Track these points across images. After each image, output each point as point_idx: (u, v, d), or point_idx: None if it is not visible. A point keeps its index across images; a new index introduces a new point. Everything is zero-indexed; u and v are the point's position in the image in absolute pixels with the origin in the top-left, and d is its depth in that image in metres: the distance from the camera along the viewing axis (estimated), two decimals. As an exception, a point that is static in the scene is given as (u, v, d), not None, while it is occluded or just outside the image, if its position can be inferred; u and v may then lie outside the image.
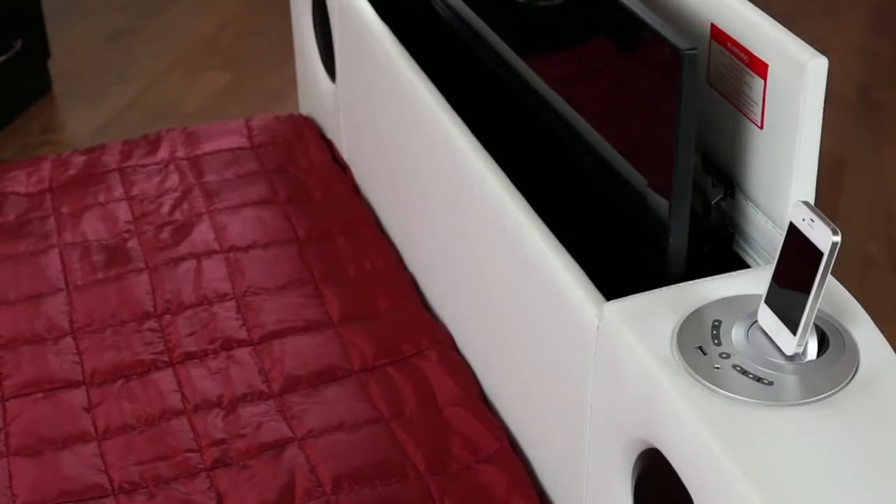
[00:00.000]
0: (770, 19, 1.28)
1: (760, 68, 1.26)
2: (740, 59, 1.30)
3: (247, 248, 1.88)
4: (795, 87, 1.22)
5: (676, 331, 1.19)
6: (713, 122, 1.38)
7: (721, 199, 1.36)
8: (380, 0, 1.92)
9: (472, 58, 1.73)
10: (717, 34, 1.34)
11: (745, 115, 1.31)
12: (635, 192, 1.32)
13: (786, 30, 1.26)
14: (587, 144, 1.42)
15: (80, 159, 2.13)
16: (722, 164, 1.37)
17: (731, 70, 1.32)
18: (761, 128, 1.29)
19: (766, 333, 1.17)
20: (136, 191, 2.04)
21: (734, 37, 1.30)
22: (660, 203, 1.27)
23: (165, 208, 1.99)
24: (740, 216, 1.36)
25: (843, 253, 2.51)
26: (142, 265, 1.86)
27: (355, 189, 2.05)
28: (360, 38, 1.89)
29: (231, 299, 1.78)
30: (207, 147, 2.15)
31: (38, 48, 3.20)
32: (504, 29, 1.62)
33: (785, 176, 1.26)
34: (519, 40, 1.58)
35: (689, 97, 1.22)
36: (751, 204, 1.34)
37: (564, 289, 1.31)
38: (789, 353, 1.14)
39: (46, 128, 3.14)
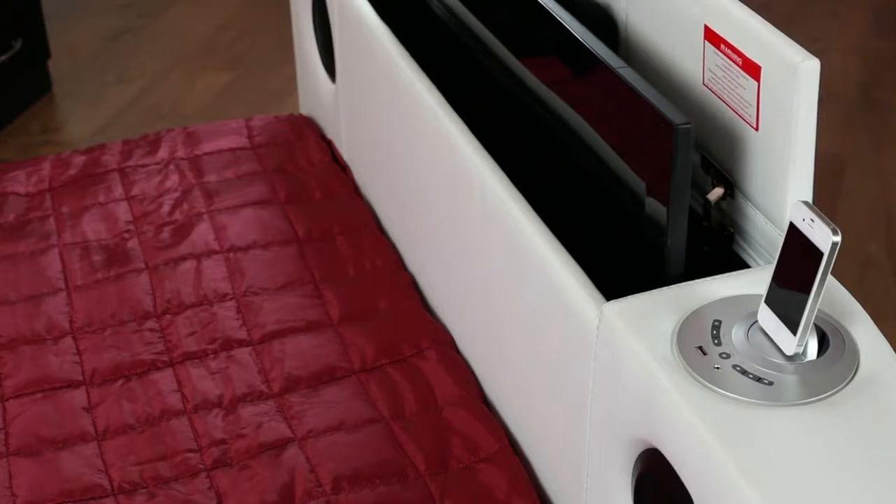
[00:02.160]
0: (762, 21, 1.28)
1: (753, 70, 1.26)
2: (734, 60, 1.29)
3: (247, 248, 1.88)
4: (788, 89, 1.21)
5: (676, 331, 1.19)
6: (710, 122, 1.38)
7: (721, 199, 1.36)
8: (380, 0, 1.92)
9: (472, 58, 1.73)
10: (710, 36, 1.33)
11: (741, 117, 1.31)
12: (634, 193, 1.32)
13: (778, 31, 1.26)
14: (586, 145, 1.42)
15: (80, 159, 2.13)
16: (720, 165, 1.37)
17: (725, 71, 1.32)
18: (756, 129, 1.29)
19: (766, 333, 1.17)
20: (136, 191, 2.04)
21: (727, 38, 1.30)
22: (658, 208, 1.27)
23: (165, 208, 1.99)
24: (740, 216, 1.36)
25: (843, 253, 2.51)
26: (142, 265, 1.86)
27: (355, 189, 2.05)
28: (360, 38, 1.89)
29: (231, 299, 1.78)
30: (207, 147, 2.15)
31: (38, 48, 3.20)
32: (501, 32, 1.62)
33: (782, 177, 1.26)
34: (517, 45, 1.58)
35: (683, 167, 1.24)
36: (750, 204, 1.34)
37: (564, 289, 1.31)
38: (789, 353, 1.14)
39: (46, 128, 3.14)
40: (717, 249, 1.37)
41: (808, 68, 1.20)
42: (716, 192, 1.36)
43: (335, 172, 2.08)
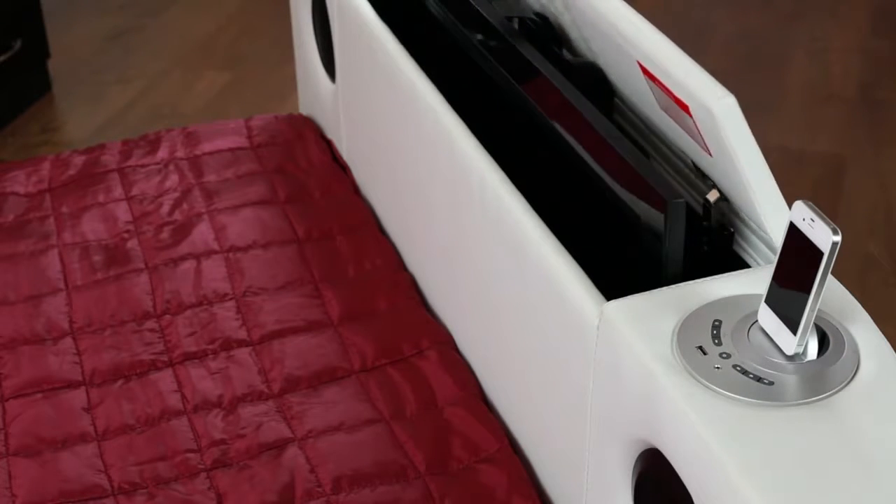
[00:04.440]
0: (682, 58, 1.28)
1: (685, 107, 1.27)
2: (669, 95, 1.30)
3: (246, 248, 1.88)
4: (715, 126, 1.22)
5: (676, 331, 1.19)
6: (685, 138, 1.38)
7: (720, 199, 1.36)
8: (380, 0, 1.92)
9: (472, 58, 1.73)
10: (645, 72, 1.34)
11: (696, 143, 1.32)
12: (632, 199, 1.32)
13: (696, 68, 1.26)
14: (585, 150, 1.42)
15: (79, 159, 2.13)
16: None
17: (668, 103, 1.33)
18: (711, 155, 1.30)
19: (766, 333, 1.17)
20: (135, 191, 2.04)
21: (656, 76, 1.31)
22: (655, 216, 1.27)
23: (165, 208, 1.99)
24: (739, 217, 1.36)
25: (843, 253, 2.51)
26: (141, 265, 1.86)
27: (355, 189, 2.05)
28: (360, 38, 1.89)
29: (231, 299, 1.78)
30: (207, 147, 2.15)
31: (38, 48, 3.20)
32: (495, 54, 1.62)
33: (745, 195, 1.27)
34: (513, 70, 1.59)
35: (676, 239, 1.26)
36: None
37: (564, 289, 1.31)
38: (789, 353, 1.14)
39: (46, 128, 3.14)
40: (717, 249, 1.37)
41: (723, 107, 1.20)
42: (714, 193, 1.36)
43: (335, 172, 2.08)
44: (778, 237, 1.26)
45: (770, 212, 1.26)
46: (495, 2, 1.74)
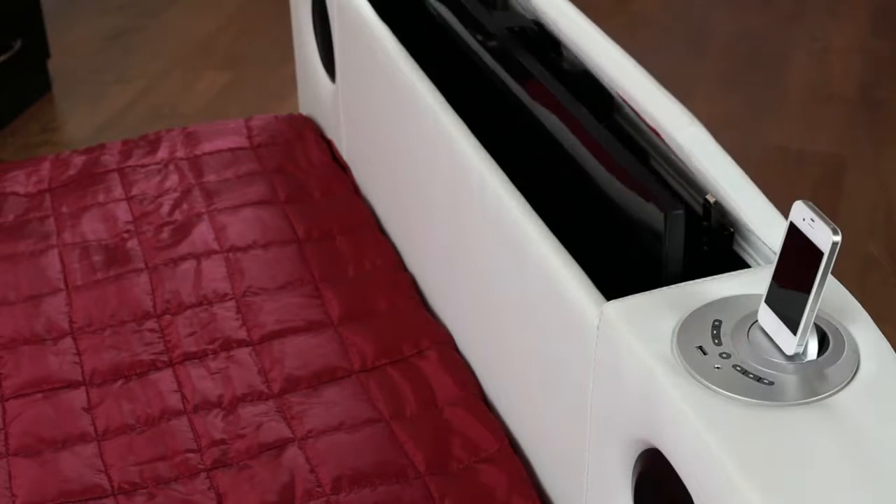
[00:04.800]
0: (650, 84, 1.29)
1: (656, 132, 1.28)
2: (642, 121, 1.31)
3: (246, 249, 1.88)
4: (685, 153, 1.22)
5: (676, 331, 1.19)
6: None
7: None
8: (380, 0, 1.92)
9: (471, 59, 1.73)
10: (624, 101, 1.34)
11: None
12: (632, 198, 1.32)
13: (663, 95, 1.26)
14: (585, 150, 1.42)
15: (79, 159, 2.13)
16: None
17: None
18: (692, 172, 1.30)
19: (766, 333, 1.17)
20: (135, 191, 2.04)
21: (628, 102, 1.31)
22: (655, 215, 1.27)
23: (165, 208, 1.99)
24: (739, 217, 1.36)
25: (843, 253, 2.51)
26: (141, 265, 1.86)
27: (355, 189, 2.05)
28: (360, 38, 1.89)
29: (231, 299, 1.78)
30: (207, 147, 2.15)
31: (38, 48, 3.20)
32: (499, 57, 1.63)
33: (734, 205, 1.27)
34: (511, 72, 1.59)
35: (675, 250, 1.27)
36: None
37: (564, 289, 1.31)
38: (789, 353, 1.14)
39: (46, 128, 3.14)
40: (717, 249, 1.37)
41: (688, 137, 1.21)
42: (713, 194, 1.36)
43: (335, 172, 2.08)
44: (774, 243, 1.27)
45: (761, 222, 1.26)
46: (495, 11, 1.74)
